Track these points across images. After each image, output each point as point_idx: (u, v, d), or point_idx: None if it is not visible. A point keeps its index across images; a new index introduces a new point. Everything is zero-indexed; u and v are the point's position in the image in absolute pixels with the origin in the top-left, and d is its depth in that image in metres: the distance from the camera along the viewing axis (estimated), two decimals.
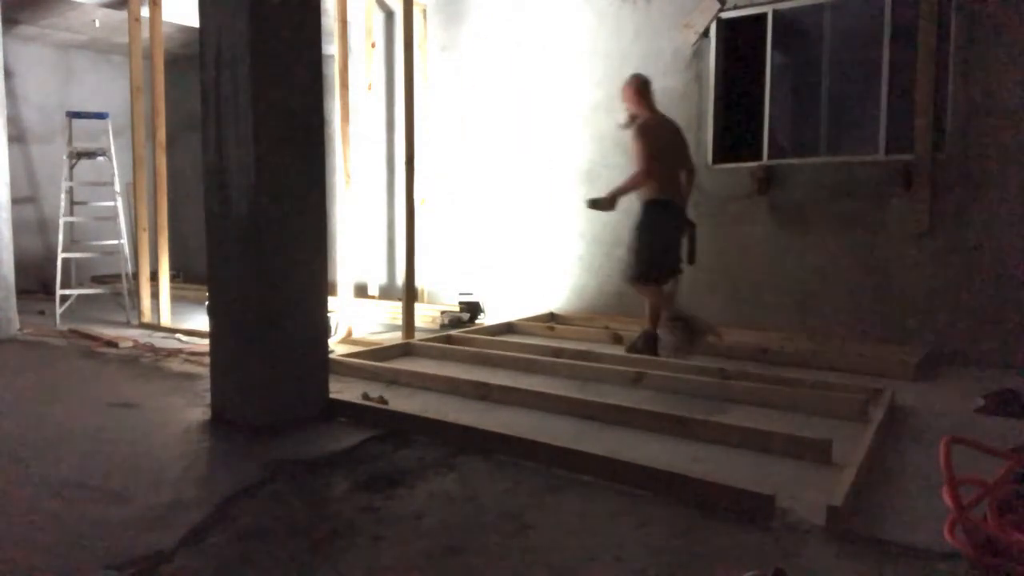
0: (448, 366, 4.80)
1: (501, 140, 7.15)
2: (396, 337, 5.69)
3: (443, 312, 6.66)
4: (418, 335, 5.63)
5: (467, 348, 5.20)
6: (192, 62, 8.92)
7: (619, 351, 5.13)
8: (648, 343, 5.00)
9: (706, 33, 5.92)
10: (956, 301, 5.00)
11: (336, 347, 5.21)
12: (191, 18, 7.33)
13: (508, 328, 6.20)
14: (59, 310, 6.53)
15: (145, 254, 6.48)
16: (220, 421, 3.60)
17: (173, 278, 7.15)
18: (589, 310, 6.58)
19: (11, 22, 7.97)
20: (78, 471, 2.97)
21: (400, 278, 6.91)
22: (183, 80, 9.23)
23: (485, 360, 4.92)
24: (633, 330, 5.82)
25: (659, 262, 4.85)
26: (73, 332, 6.03)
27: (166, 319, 6.43)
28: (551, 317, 6.56)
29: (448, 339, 5.55)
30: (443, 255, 7.61)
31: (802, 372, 4.46)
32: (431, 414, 3.55)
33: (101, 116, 7.05)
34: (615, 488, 2.71)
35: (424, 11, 7.47)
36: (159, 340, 5.74)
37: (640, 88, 5.00)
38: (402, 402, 3.88)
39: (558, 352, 5.01)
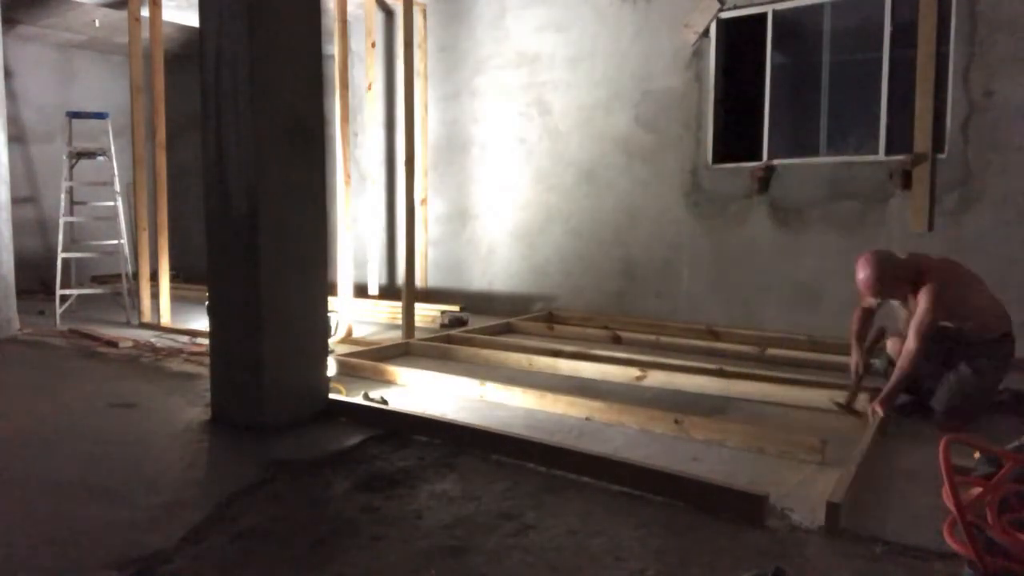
0: (448, 365, 4.80)
1: (502, 140, 7.15)
2: (396, 337, 5.70)
3: (443, 312, 6.66)
4: (418, 335, 5.63)
5: (466, 348, 5.20)
6: (192, 62, 8.92)
7: (619, 351, 5.12)
8: None
9: (706, 33, 5.92)
10: None
11: (336, 347, 5.21)
12: (191, 18, 7.34)
13: (507, 328, 6.20)
14: (59, 310, 6.53)
15: (145, 254, 6.47)
16: (220, 421, 3.60)
17: (173, 278, 7.15)
18: (589, 310, 6.58)
19: (11, 22, 7.97)
20: (78, 471, 2.97)
21: (400, 278, 6.91)
22: (183, 80, 9.22)
23: (485, 360, 4.92)
24: (633, 330, 5.83)
25: None
26: (73, 332, 6.03)
27: (166, 319, 6.43)
28: (550, 317, 6.56)
29: (448, 339, 5.55)
30: (444, 255, 7.62)
31: (802, 372, 4.46)
32: (431, 414, 3.56)
33: (101, 116, 7.05)
34: (615, 488, 2.71)
35: (424, 10, 7.47)
36: (159, 340, 5.74)
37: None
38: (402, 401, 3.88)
39: (557, 352, 5.00)
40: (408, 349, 5.28)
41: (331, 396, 3.77)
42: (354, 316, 6.16)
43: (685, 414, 3.43)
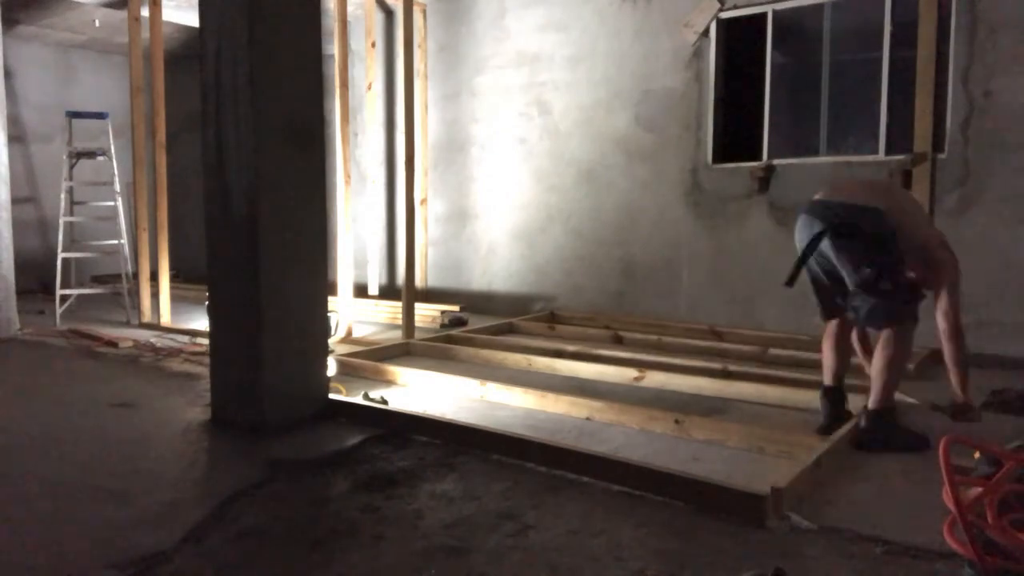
0: (448, 366, 4.80)
1: (502, 140, 7.15)
2: (396, 337, 5.69)
3: (443, 312, 6.66)
4: (418, 335, 5.63)
5: (467, 348, 5.20)
6: (192, 62, 8.91)
7: (620, 351, 5.12)
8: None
9: (706, 33, 5.91)
10: None
11: (336, 347, 5.21)
12: (191, 18, 7.33)
13: (508, 328, 6.20)
14: (59, 310, 6.53)
15: (145, 254, 6.47)
16: (220, 421, 3.60)
17: (173, 278, 7.14)
18: (589, 309, 6.58)
19: (11, 22, 7.96)
20: (78, 471, 2.97)
21: (400, 278, 6.91)
22: (183, 80, 9.22)
23: (485, 360, 4.92)
24: (635, 330, 5.83)
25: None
26: (73, 332, 6.03)
27: (166, 319, 6.43)
28: (551, 316, 6.56)
29: (448, 339, 5.55)
30: (444, 255, 7.62)
31: (802, 372, 4.45)
32: (431, 414, 3.56)
33: (101, 116, 7.05)
34: (615, 488, 2.71)
35: (424, 10, 7.47)
36: (159, 340, 5.74)
37: None
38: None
39: (559, 352, 5.00)
40: (408, 349, 5.28)
41: (331, 396, 3.77)
42: (354, 316, 6.16)
43: (685, 414, 3.44)
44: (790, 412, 3.73)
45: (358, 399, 3.83)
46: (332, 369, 4.37)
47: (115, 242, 6.98)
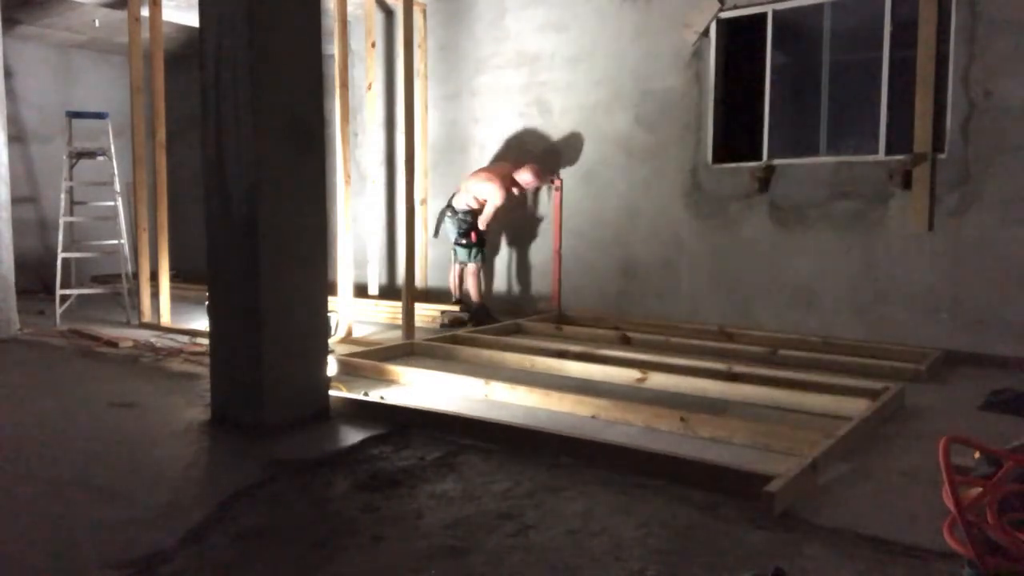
0: (451, 365, 4.79)
1: (502, 140, 7.15)
2: (396, 337, 5.69)
3: (443, 312, 6.66)
4: (418, 334, 5.62)
5: (470, 348, 5.19)
6: (192, 62, 8.91)
7: (623, 352, 5.11)
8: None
9: (706, 33, 5.91)
10: (956, 301, 5.00)
11: (336, 347, 5.21)
12: (191, 18, 7.33)
13: (516, 328, 6.19)
14: (59, 310, 6.53)
15: (145, 254, 6.47)
16: (220, 421, 3.60)
17: (173, 278, 7.13)
18: (588, 309, 6.58)
19: (11, 22, 7.96)
20: (78, 471, 2.97)
21: (400, 278, 6.91)
22: (183, 80, 9.22)
23: (487, 360, 4.92)
24: (642, 330, 5.83)
25: None
26: (73, 332, 6.03)
27: (166, 319, 6.43)
28: (559, 317, 6.56)
29: (453, 339, 5.54)
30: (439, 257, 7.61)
31: (802, 372, 4.45)
32: (431, 413, 3.55)
33: (101, 116, 7.05)
34: (615, 488, 2.71)
35: (424, 10, 7.47)
36: (159, 340, 5.73)
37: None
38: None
39: (561, 353, 4.99)
40: (412, 349, 5.27)
41: (331, 395, 3.77)
42: (354, 316, 6.16)
43: (691, 412, 3.44)
44: (797, 415, 3.71)
45: (358, 398, 3.82)
46: (333, 369, 4.37)
47: (115, 242, 6.98)
